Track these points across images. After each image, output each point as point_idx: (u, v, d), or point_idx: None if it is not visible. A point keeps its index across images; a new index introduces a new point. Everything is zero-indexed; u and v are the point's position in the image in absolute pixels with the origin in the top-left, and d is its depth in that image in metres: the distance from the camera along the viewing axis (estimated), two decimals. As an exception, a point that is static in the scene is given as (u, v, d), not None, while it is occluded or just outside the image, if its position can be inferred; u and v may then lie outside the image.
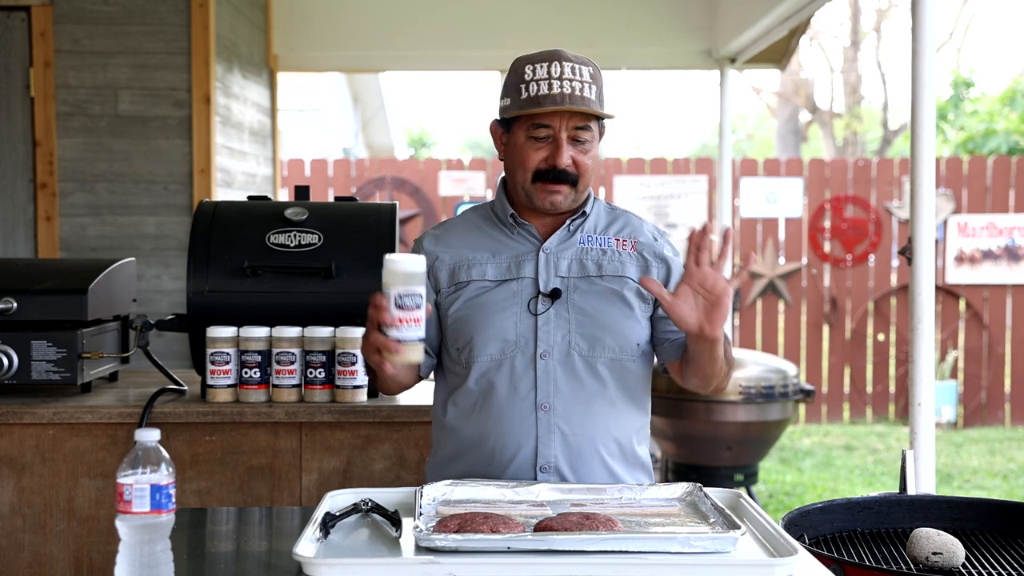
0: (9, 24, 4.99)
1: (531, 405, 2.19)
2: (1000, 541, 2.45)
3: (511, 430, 2.19)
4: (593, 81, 2.19)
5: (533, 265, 2.24)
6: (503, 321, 2.20)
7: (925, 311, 3.05)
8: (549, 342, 2.20)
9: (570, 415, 2.19)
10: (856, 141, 18.33)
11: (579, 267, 2.25)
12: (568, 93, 2.15)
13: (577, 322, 2.21)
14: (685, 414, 5.28)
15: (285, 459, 2.83)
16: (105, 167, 5.09)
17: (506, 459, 2.19)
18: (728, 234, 2.02)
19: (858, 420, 8.84)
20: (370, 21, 6.63)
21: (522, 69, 2.19)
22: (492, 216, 2.33)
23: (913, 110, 3.07)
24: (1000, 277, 8.67)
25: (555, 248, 2.26)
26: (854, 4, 16.29)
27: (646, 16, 6.58)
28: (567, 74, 2.16)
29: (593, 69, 2.21)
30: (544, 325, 2.20)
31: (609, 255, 2.27)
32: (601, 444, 2.22)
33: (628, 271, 2.26)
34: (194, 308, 2.91)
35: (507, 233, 2.29)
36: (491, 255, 2.27)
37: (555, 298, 2.21)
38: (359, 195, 8.81)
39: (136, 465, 1.64)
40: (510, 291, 2.23)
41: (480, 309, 2.21)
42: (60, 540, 2.80)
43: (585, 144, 2.20)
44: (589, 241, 2.28)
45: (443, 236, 2.33)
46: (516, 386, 2.19)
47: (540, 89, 2.15)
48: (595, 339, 2.21)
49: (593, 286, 2.23)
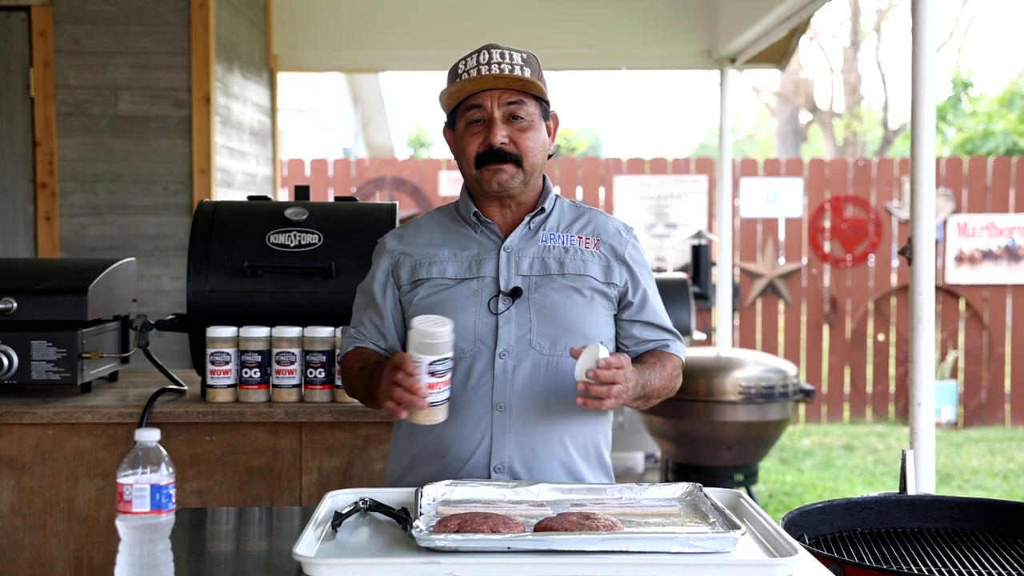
0: (9, 24, 4.99)
1: (488, 404, 2.17)
2: (1000, 541, 2.45)
3: (466, 429, 2.17)
4: (526, 64, 2.19)
5: (494, 264, 2.23)
6: (463, 320, 2.17)
7: (925, 311, 3.05)
8: (509, 341, 2.18)
9: (526, 415, 2.17)
10: (856, 141, 18.33)
11: (541, 265, 2.23)
12: (497, 73, 2.15)
13: (538, 320, 2.19)
14: (685, 414, 5.28)
15: (285, 459, 2.83)
16: (105, 167, 5.09)
17: (463, 458, 2.17)
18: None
19: (858, 420, 8.84)
20: (370, 21, 6.63)
21: (456, 67, 2.22)
22: (456, 215, 2.32)
23: (913, 110, 3.07)
24: (1000, 277, 8.67)
25: (516, 246, 2.25)
26: (854, 4, 16.29)
27: (646, 16, 6.58)
28: (495, 59, 2.17)
29: (528, 55, 2.22)
30: (505, 324, 2.19)
31: (572, 253, 2.25)
32: (559, 444, 2.20)
33: (591, 269, 2.25)
34: (194, 308, 2.91)
35: (470, 232, 2.28)
36: (452, 253, 2.26)
37: (516, 297, 2.20)
38: (359, 195, 8.81)
39: (136, 465, 1.64)
40: (470, 290, 2.22)
41: (438, 307, 2.17)
42: (60, 540, 2.80)
43: (522, 121, 2.19)
44: (551, 239, 2.26)
45: (406, 235, 2.33)
46: (473, 385, 2.18)
47: (469, 75, 2.17)
48: (556, 337, 2.19)
49: (554, 284, 2.22)
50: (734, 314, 8.44)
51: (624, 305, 2.29)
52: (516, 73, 2.16)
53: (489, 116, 2.19)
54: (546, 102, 2.26)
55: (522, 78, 2.17)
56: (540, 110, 2.24)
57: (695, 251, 6.95)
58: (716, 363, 5.39)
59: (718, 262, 6.83)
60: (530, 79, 2.18)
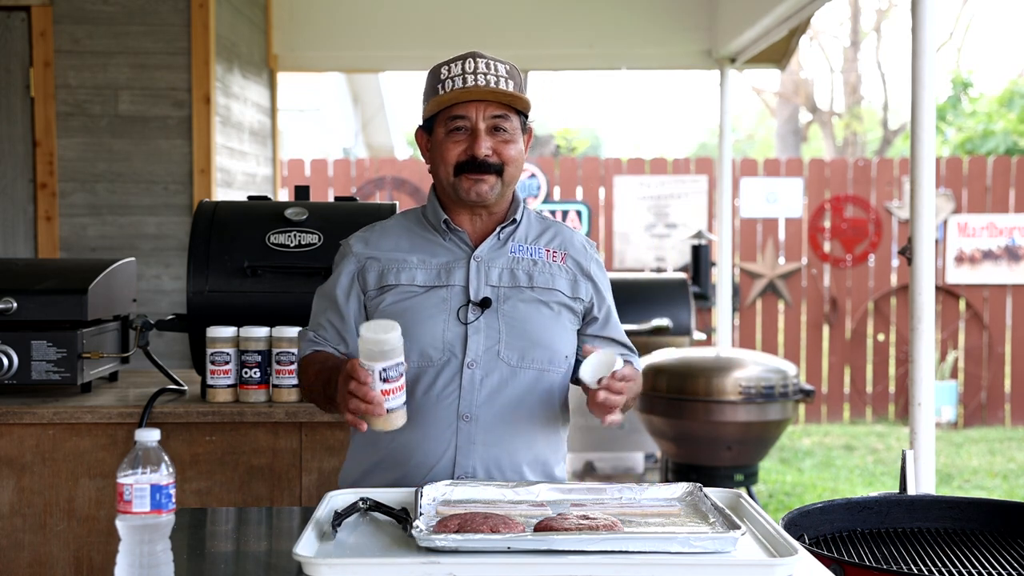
0: (9, 24, 4.99)
1: (453, 414, 2.16)
2: (1000, 541, 2.45)
3: (431, 438, 2.16)
4: (510, 76, 2.19)
5: (464, 272, 2.21)
6: (431, 328, 2.16)
7: (925, 311, 3.05)
8: (477, 351, 2.17)
9: (492, 425, 2.16)
10: (856, 141, 18.33)
11: (510, 276, 2.22)
12: (483, 85, 2.14)
13: (507, 332, 2.18)
14: (685, 414, 5.28)
15: (285, 459, 2.83)
16: (105, 167, 5.09)
17: (426, 467, 2.16)
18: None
19: (858, 420, 8.84)
20: (370, 21, 6.64)
21: (438, 71, 2.20)
22: (424, 220, 2.29)
23: (913, 110, 3.07)
24: (1000, 277, 8.67)
25: (486, 256, 2.23)
26: (854, 4, 16.29)
27: (646, 16, 6.58)
28: (481, 68, 2.16)
29: (511, 67, 2.21)
30: (474, 334, 2.17)
31: (540, 266, 2.25)
32: (521, 456, 2.20)
33: (558, 283, 2.25)
34: (194, 308, 2.91)
35: (438, 238, 2.26)
36: (420, 260, 2.23)
37: (485, 307, 2.18)
38: (359, 195, 8.81)
39: (136, 465, 1.64)
40: (439, 297, 2.19)
41: (406, 314, 2.15)
42: (60, 540, 2.80)
43: (505, 134, 2.19)
44: (520, 251, 2.25)
45: (372, 239, 2.29)
46: (439, 395, 2.16)
47: (455, 84, 2.15)
48: (524, 350, 2.18)
49: (523, 295, 2.21)
50: (734, 314, 8.44)
51: (589, 320, 2.31)
52: (502, 86, 2.16)
53: (474, 127, 2.17)
54: (526, 116, 2.26)
55: (513, 94, 2.17)
56: (520, 123, 2.24)
57: (695, 251, 6.95)
58: (716, 363, 5.39)
59: (718, 262, 6.83)
60: (520, 95, 2.18)
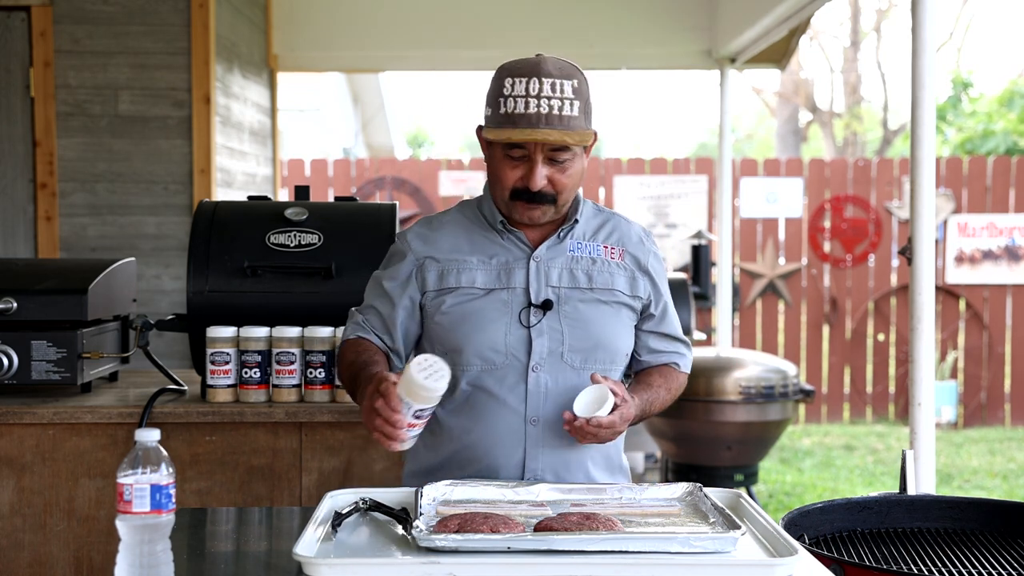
0: (9, 24, 4.99)
1: (521, 419, 2.17)
2: (1000, 541, 2.45)
3: (500, 442, 2.17)
4: (576, 96, 2.10)
5: (524, 274, 2.20)
6: (494, 333, 2.16)
7: (925, 311, 3.05)
8: (541, 354, 2.17)
9: (559, 427, 2.16)
10: (856, 141, 18.33)
11: (569, 277, 2.22)
12: (545, 113, 2.07)
13: (569, 334, 2.18)
14: (685, 414, 5.28)
15: (285, 459, 2.83)
16: (105, 167, 5.09)
17: (494, 471, 2.18)
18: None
19: (858, 420, 8.84)
20: (370, 21, 6.63)
21: (503, 80, 2.12)
22: (480, 217, 2.28)
23: (913, 110, 3.07)
24: (1000, 277, 8.67)
25: (545, 256, 2.22)
26: (854, 4, 16.29)
27: (646, 16, 6.58)
28: (546, 91, 2.07)
29: (577, 82, 2.12)
30: (537, 337, 2.17)
31: (599, 265, 2.24)
32: (587, 456, 2.23)
33: (617, 283, 2.24)
34: (194, 308, 2.91)
35: (496, 237, 2.24)
36: (480, 260, 2.22)
37: (547, 309, 2.18)
38: (359, 195, 8.81)
39: (136, 465, 1.64)
40: (500, 300, 2.19)
41: (469, 318, 2.17)
42: (60, 540, 2.80)
43: (564, 163, 2.14)
44: (579, 248, 2.24)
45: (431, 236, 2.27)
46: (506, 398, 2.17)
47: (516, 107, 2.08)
48: (587, 351, 2.19)
49: (583, 296, 2.21)
50: (734, 314, 8.44)
51: (646, 316, 2.31)
52: (565, 111, 2.08)
53: (531, 157, 2.12)
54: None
55: (571, 135, 2.08)
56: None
57: (695, 251, 6.95)
58: (716, 363, 5.39)
59: (718, 262, 6.83)
60: (579, 132, 2.10)
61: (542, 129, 2.07)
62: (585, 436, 2.08)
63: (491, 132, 2.12)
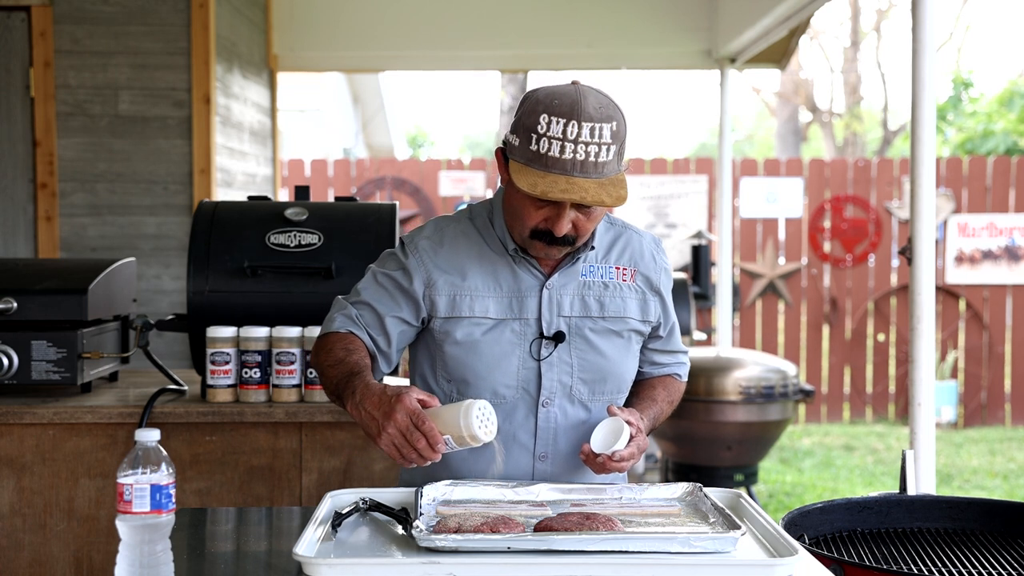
0: (9, 24, 4.99)
1: (530, 455, 2.15)
2: (1000, 541, 2.45)
3: (505, 477, 2.13)
4: (613, 140, 1.96)
5: (536, 303, 2.13)
6: (507, 367, 2.11)
7: (925, 311, 3.05)
8: (551, 388, 2.14)
9: (567, 461, 2.16)
10: (856, 141, 18.33)
11: (581, 305, 2.15)
12: (581, 160, 1.93)
13: (579, 367, 2.15)
14: (685, 414, 5.28)
15: (285, 459, 2.83)
16: (105, 167, 5.09)
17: None
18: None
19: (858, 420, 8.84)
20: (370, 21, 6.63)
21: (538, 114, 1.95)
22: (492, 233, 2.17)
23: (913, 110, 3.07)
24: (1000, 277, 8.67)
25: (557, 282, 2.14)
26: (854, 4, 16.29)
27: (646, 16, 6.58)
28: (584, 136, 1.93)
29: (616, 124, 1.97)
30: (547, 371, 2.13)
31: (611, 290, 2.18)
32: (592, 479, 2.20)
33: (629, 309, 2.19)
34: (194, 308, 2.91)
35: (508, 260, 2.15)
36: (491, 287, 2.13)
37: (559, 341, 2.13)
38: (359, 195, 8.82)
39: (136, 465, 1.64)
40: (512, 331, 2.12)
41: (481, 353, 2.11)
42: (60, 540, 2.80)
43: (591, 208, 2.02)
44: (591, 272, 2.17)
45: (439, 251, 2.16)
46: (516, 434, 2.14)
47: (551, 149, 1.94)
48: (595, 383, 2.17)
49: (595, 326, 2.16)
50: (734, 314, 8.43)
51: (653, 336, 2.28)
52: (601, 158, 1.94)
53: (559, 202, 2.00)
54: None
55: (608, 189, 1.96)
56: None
57: (695, 251, 6.95)
58: (716, 363, 5.39)
59: (718, 262, 6.83)
60: (614, 184, 1.97)
61: (576, 178, 1.94)
62: (603, 469, 2.07)
63: (520, 173, 1.97)
